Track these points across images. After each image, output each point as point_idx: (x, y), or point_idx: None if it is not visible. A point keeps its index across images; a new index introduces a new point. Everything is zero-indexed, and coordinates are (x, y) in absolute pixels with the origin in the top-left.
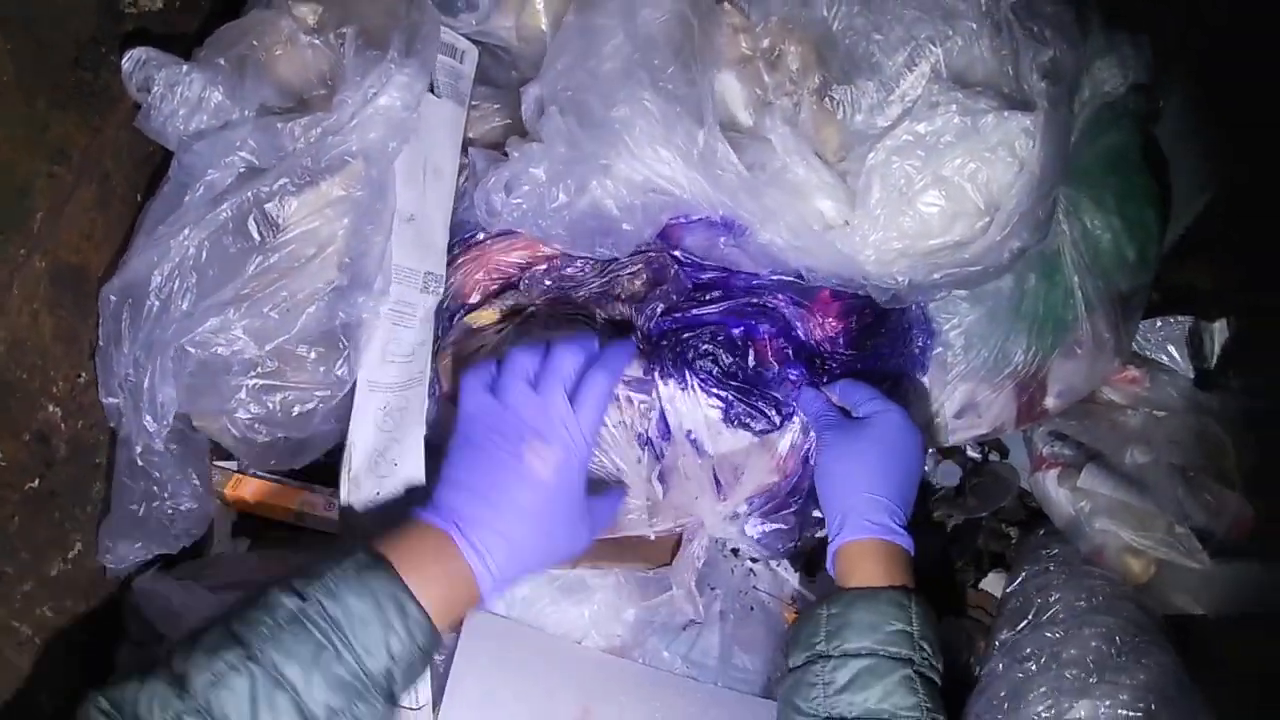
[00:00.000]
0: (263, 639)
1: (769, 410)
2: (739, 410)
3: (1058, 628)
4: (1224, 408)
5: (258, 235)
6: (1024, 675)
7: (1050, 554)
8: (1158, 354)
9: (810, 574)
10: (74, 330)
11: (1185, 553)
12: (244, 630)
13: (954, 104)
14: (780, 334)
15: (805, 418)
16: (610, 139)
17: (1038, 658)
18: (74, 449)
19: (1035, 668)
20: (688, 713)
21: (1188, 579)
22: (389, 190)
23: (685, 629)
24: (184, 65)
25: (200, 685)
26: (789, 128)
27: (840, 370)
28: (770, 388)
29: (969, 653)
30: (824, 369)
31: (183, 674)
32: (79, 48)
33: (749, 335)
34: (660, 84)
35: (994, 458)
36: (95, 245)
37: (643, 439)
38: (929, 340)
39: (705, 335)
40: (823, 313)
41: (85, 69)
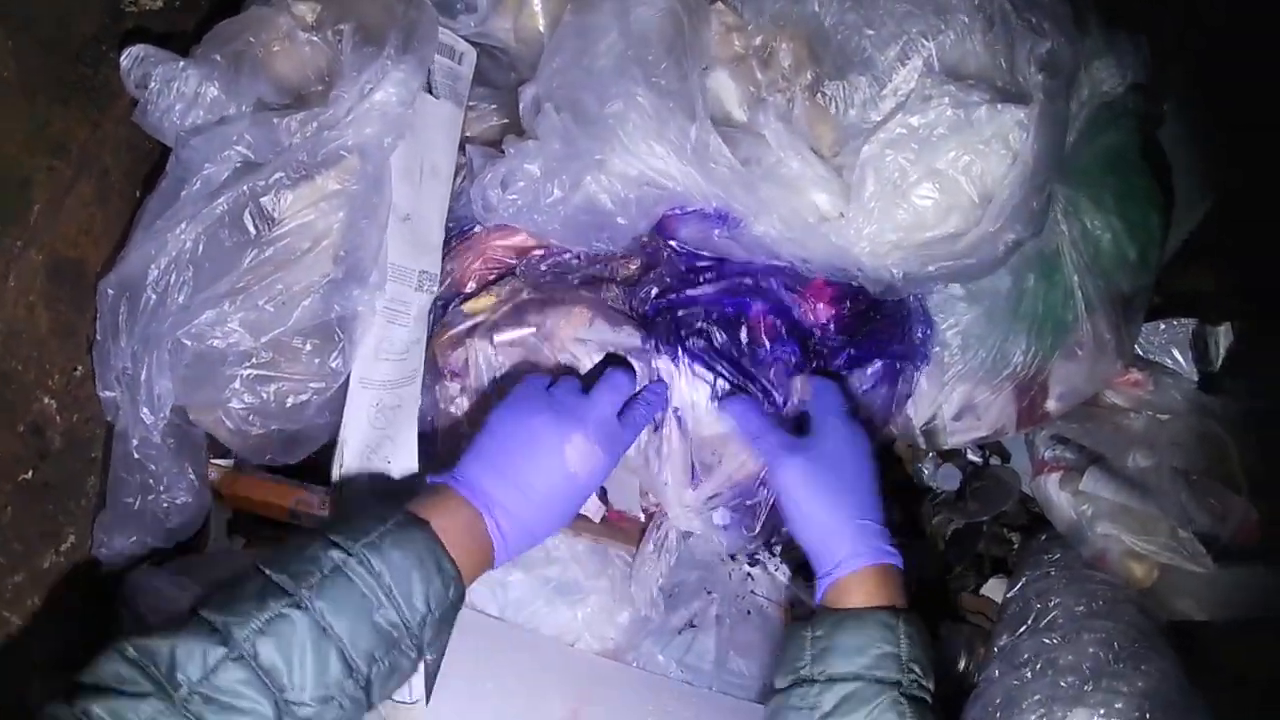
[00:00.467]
0: (310, 589)
1: (758, 393)
2: (729, 390)
3: (1055, 634)
4: (1228, 411)
5: (253, 229)
6: (1019, 682)
7: (1052, 559)
8: (1161, 357)
9: (808, 578)
10: (71, 324)
11: (1189, 557)
12: (288, 582)
13: (947, 97)
14: (774, 313)
15: (743, 435)
16: (604, 135)
17: (1033, 664)
18: (69, 441)
19: (1030, 674)
20: (680, 717)
21: (1191, 584)
22: (385, 185)
23: (681, 632)
24: (180, 61)
25: (245, 633)
26: (782, 123)
27: (831, 355)
28: (763, 368)
29: (969, 659)
30: (816, 352)
31: (224, 623)
32: (80, 45)
33: (742, 313)
34: (653, 80)
35: (995, 461)
36: (94, 240)
37: None
38: (929, 330)
39: (699, 313)
40: (816, 298)
41: (86, 65)
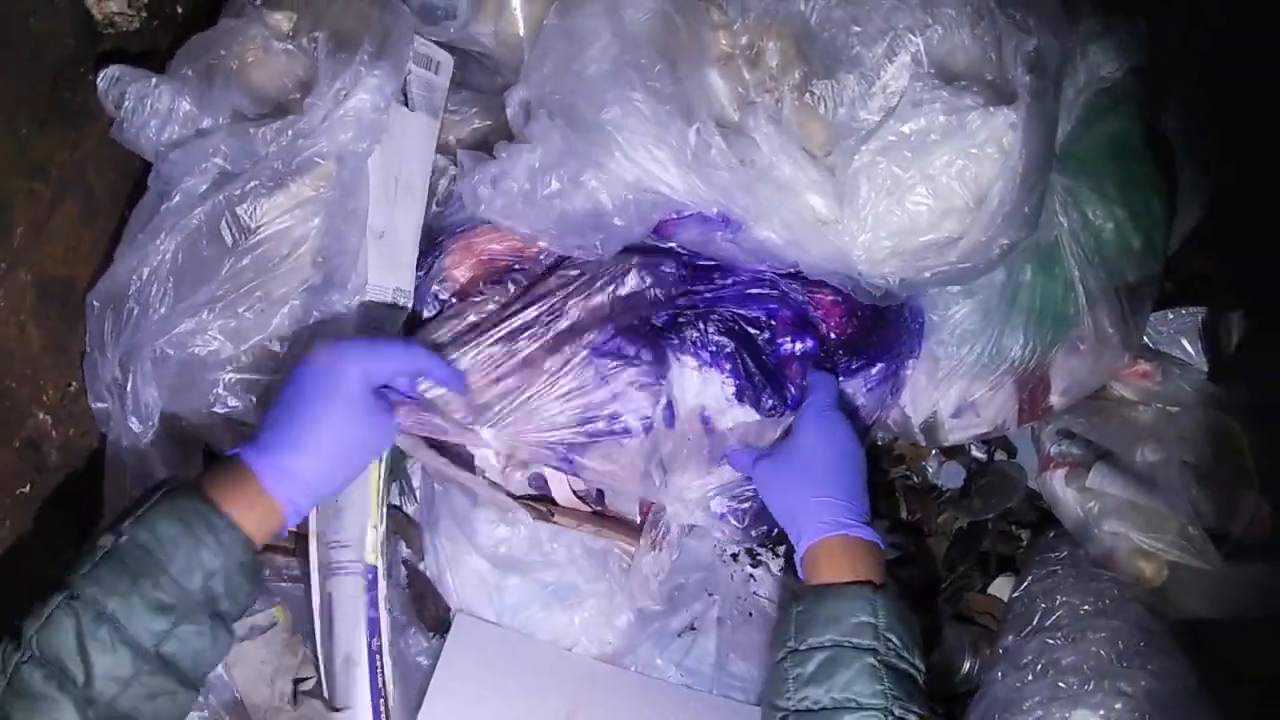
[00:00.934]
0: (82, 578)
1: (779, 390)
2: (752, 388)
3: (1059, 633)
4: (1239, 402)
5: (230, 238)
6: (1020, 684)
7: (1059, 556)
8: (1170, 347)
9: None
10: (63, 341)
11: (1198, 554)
12: (68, 575)
13: (938, 102)
14: (793, 316)
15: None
16: (602, 140)
17: (1035, 665)
18: (65, 456)
19: (1032, 675)
20: None
21: (1201, 581)
22: (361, 190)
23: (681, 635)
24: (154, 79)
25: (30, 633)
26: (773, 126)
27: (843, 371)
28: (783, 365)
29: (974, 661)
30: (835, 357)
31: (18, 627)
32: (58, 68)
33: (767, 315)
34: (649, 84)
35: (1000, 456)
36: (82, 257)
37: (647, 424)
38: (923, 320)
39: (725, 313)
40: (825, 315)
41: (64, 89)
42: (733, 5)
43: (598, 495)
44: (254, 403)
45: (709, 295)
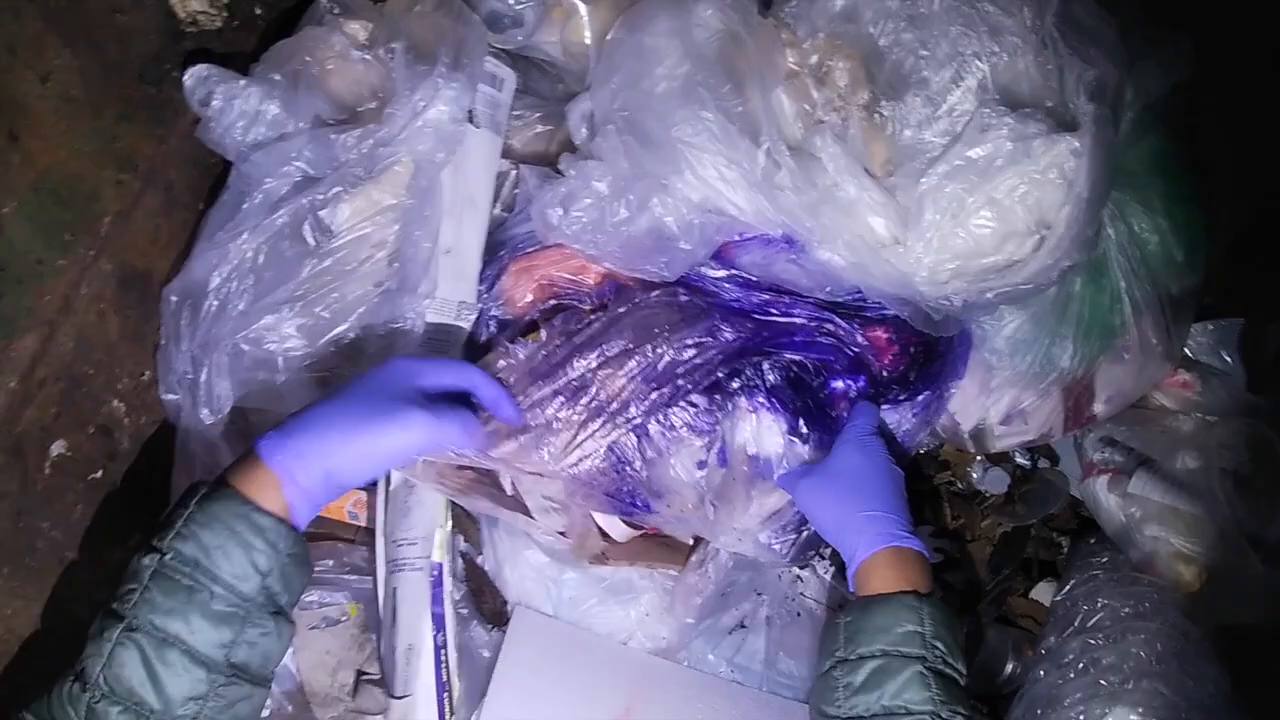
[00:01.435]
0: (136, 605)
1: (829, 427)
2: (804, 426)
3: (1099, 634)
4: (1277, 412)
5: (312, 240)
6: (1060, 681)
7: (1100, 561)
8: (1209, 358)
9: None
10: (139, 330)
11: (1237, 559)
12: (119, 604)
13: (1005, 128)
14: (847, 359)
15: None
16: (671, 158)
17: (1076, 664)
18: (136, 443)
19: (1073, 674)
20: (730, 716)
21: (1240, 587)
22: (436, 198)
23: (731, 633)
24: (242, 80)
25: (96, 671)
26: (839, 146)
27: (894, 407)
28: (834, 403)
29: (1017, 662)
30: (886, 391)
31: (82, 668)
32: (142, 64)
33: (821, 360)
34: (720, 103)
35: (1044, 464)
36: (160, 250)
37: (701, 464)
38: (970, 344)
39: (780, 360)
40: (880, 353)
41: (149, 84)
42: (802, 24)
43: None
44: None
45: (766, 343)
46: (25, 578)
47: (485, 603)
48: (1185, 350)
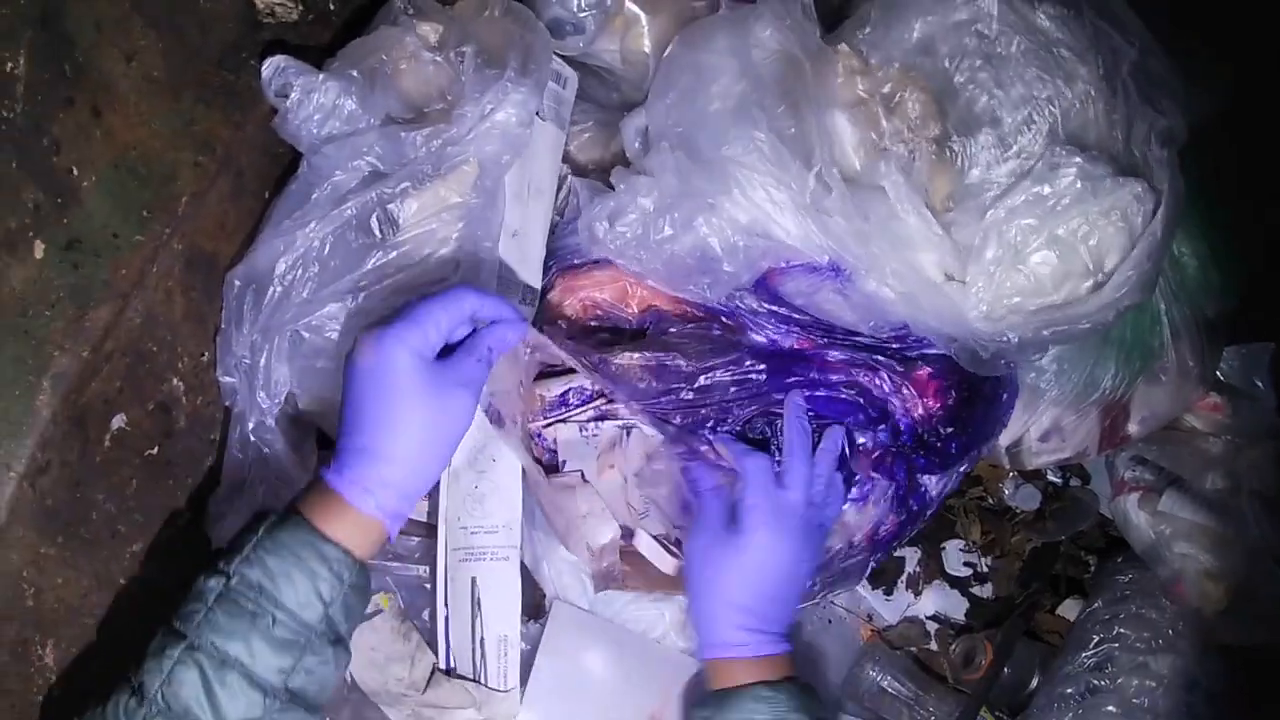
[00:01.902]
0: (199, 626)
1: (846, 481)
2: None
3: (1111, 665)
4: None
5: (379, 232)
6: (1063, 706)
7: (1125, 580)
8: (1240, 381)
9: (888, 592)
10: (202, 312)
11: (1264, 579)
12: (182, 624)
13: (1074, 168)
14: (873, 413)
15: (690, 494)
16: (721, 177)
17: (1080, 693)
18: (192, 422)
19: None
20: None
21: (1265, 606)
22: (500, 200)
23: None
24: (320, 74)
25: (154, 687)
26: (903, 176)
27: (942, 447)
28: (854, 458)
29: (1041, 677)
30: (923, 444)
31: (140, 682)
32: (222, 51)
33: (841, 415)
34: (773, 124)
35: (1075, 483)
36: (227, 234)
37: None
38: (1014, 396)
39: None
40: (921, 392)
41: (228, 71)
42: (876, 52)
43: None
44: None
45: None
46: (78, 548)
47: (524, 596)
48: (1217, 374)
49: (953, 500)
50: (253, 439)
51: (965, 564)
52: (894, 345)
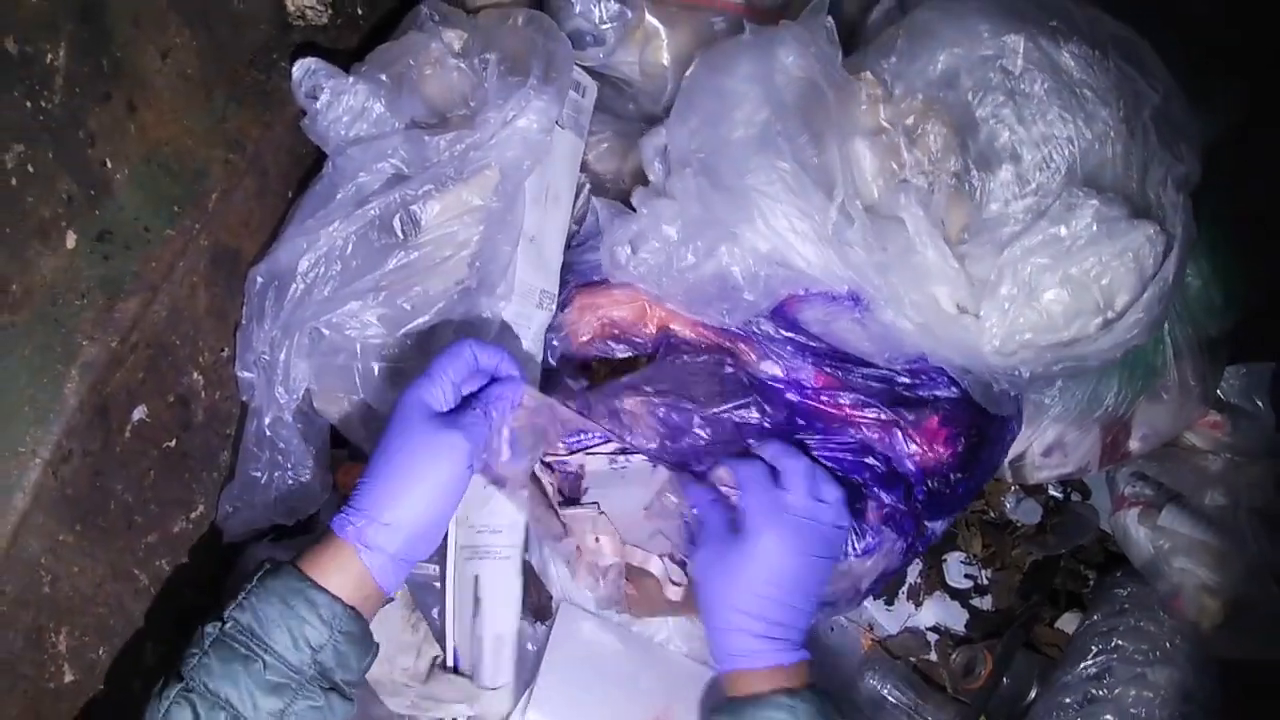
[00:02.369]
0: (194, 669)
1: (858, 541)
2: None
3: (1109, 675)
4: None
5: (401, 233)
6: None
7: (1124, 594)
8: (1241, 400)
9: (889, 602)
10: (224, 307)
11: (1261, 596)
12: (182, 667)
13: (1090, 209)
14: (883, 477)
15: (685, 508)
16: (744, 205)
17: (1079, 702)
18: (210, 416)
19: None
20: None
21: (1262, 622)
22: (519, 205)
23: None
24: (350, 77)
25: None
26: (922, 209)
27: (951, 492)
28: (865, 511)
29: (1040, 689)
30: (934, 493)
31: None
32: (253, 52)
33: (849, 478)
34: (796, 153)
35: (1075, 497)
36: (251, 232)
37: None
38: (1016, 435)
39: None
40: (931, 440)
41: (259, 71)
42: (900, 82)
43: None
44: (389, 393)
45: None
46: (95, 537)
47: (529, 598)
48: (1218, 393)
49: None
50: (268, 434)
51: (966, 576)
52: (905, 379)
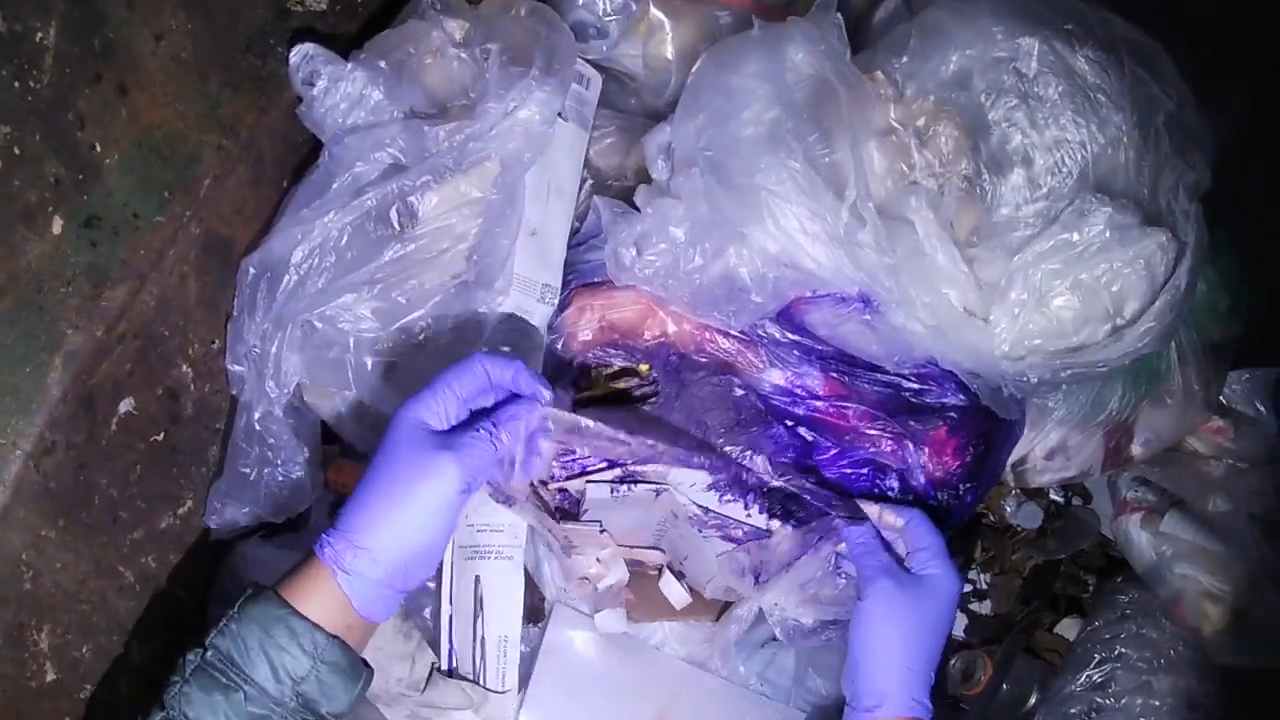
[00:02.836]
0: (176, 698)
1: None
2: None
3: (1114, 684)
4: None
5: (398, 225)
6: None
7: (1125, 600)
8: (1243, 406)
9: None
10: (215, 298)
11: (1263, 602)
12: (165, 695)
13: (1103, 216)
14: (893, 488)
15: (851, 557)
16: (753, 205)
17: (1081, 715)
18: (199, 410)
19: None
20: None
21: (1264, 628)
22: (519, 197)
23: (764, 646)
24: (348, 64)
25: None
26: (932, 211)
27: (960, 502)
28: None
29: (1040, 695)
30: (943, 507)
31: None
32: (250, 37)
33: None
34: (806, 152)
35: (1076, 502)
36: (244, 220)
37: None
38: (1021, 432)
39: (821, 498)
40: (939, 452)
41: (255, 56)
42: (911, 82)
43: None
44: (383, 388)
45: (810, 483)
46: (78, 532)
47: (524, 599)
48: (1220, 398)
49: None
50: (258, 429)
51: (965, 580)
52: (913, 384)
